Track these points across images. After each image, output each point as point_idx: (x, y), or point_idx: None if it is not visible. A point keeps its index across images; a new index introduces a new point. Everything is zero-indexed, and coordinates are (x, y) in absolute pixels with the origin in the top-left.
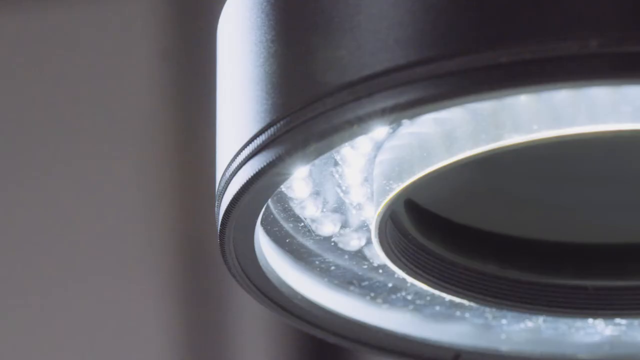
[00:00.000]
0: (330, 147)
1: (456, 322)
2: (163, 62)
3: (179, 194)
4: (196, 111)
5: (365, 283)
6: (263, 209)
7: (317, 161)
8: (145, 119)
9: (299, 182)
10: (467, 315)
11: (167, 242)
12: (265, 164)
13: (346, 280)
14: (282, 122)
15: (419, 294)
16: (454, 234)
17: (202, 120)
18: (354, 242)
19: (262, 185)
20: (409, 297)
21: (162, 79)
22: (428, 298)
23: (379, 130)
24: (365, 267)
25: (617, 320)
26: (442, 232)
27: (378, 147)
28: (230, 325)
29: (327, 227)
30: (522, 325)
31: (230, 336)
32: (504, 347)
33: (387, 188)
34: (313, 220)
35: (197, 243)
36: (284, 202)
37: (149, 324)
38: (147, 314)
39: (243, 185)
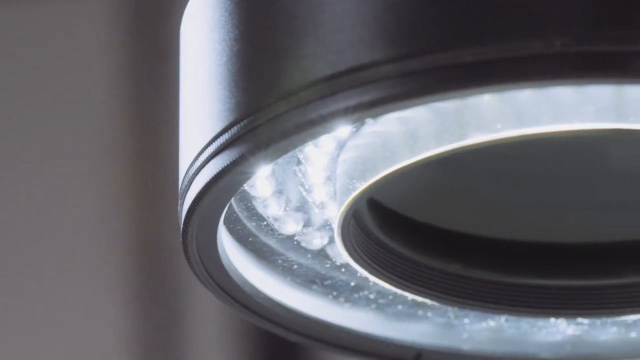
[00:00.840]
0: (293, 146)
1: (418, 321)
2: (118, 58)
3: (134, 191)
4: (153, 109)
5: (328, 282)
6: (226, 208)
7: (280, 160)
8: (101, 117)
9: (262, 180)
10: (429, 314)
11: (123, 241)
12: (228, 162)
13: (309, 279)
14: (245, 121)
15: (381, 293)
16: (417, 233)
17: (159, 119)
18: (317, 241)
19: (225, 184)
20: (372, 296)
21: (119, 77)
22: (390, 297)
23: (343, 129)
24: (328, 266)
25: (579, 319)
26: (405, 231)
27: (341, 146)
28: (187, 324)
29: (290, 226)
30: (484, 325)
31: (186, 334)
32: (466, 347)
33: (350, 187)
34: (276, 219)
35: (153, 242)
36: (246, 200)
37: (105, 322)
38: (102, 313)
39: (206, 184)
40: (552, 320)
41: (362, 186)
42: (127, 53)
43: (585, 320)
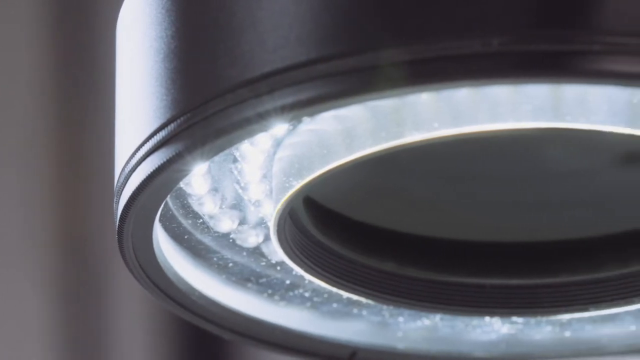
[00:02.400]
0: (230, 144)
1: (353, 319)
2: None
3: (59, 184)
4: (78, 104)
5: (263, 280)
6: (162, 205)
7: (216, 157)
8: (28, 114)
9: (198, 178)
10: (364, 312)
11: (47, 234)
12: (164, 160)
13: (244, 277)
14: (182, 119)
15: (316, 291)
16: (352, 232)
17: (88, 116)
18: (252, 238)
19: (161, 182)
20: (307, 295)
21: (43, 74)
22: (325, 295)
23: (279, 127)
24: (263, 264)
25: (514, 318)
26: (340, 230)
27: (278, 143)
28: (112, 318)
29: (225, 224)
30: (419, 323)
31: (111, 328)
32: (401, 345)
33: (287, 185)
34: (211, 217)
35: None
36: (182, 198)
37: (29, 315)
38: (26, 305)
39: (142, 181)
40: (487, 319)
41: (298, 184)
42: (51, 49)
43: (519, 319)
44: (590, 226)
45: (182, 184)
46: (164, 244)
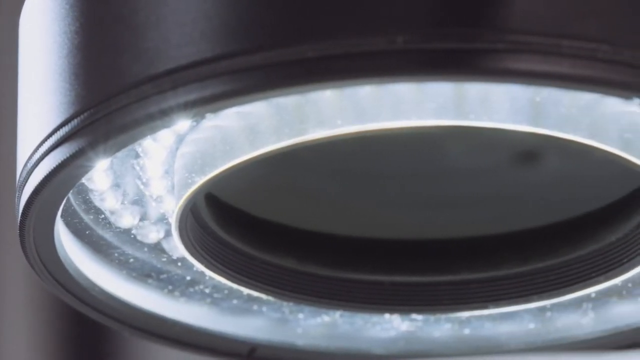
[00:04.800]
0: (132, 140)
1: (253, 316)
2: None
3: None
4: None
5: (164, 276)
6: (64, 201)
7: (118, 153)
8: None
9: (100, 174)
10: (264, 309)
11: None
12: (66, 156)
13: (144, 273)
14: (85, 115)
15: (216, 287)
16: (253, 228)
17: None
18: (153, 234)
19: (63, 177)
20: (207, 291)
21: None
22: (226, 291)
23: (182, 123)
24: (164, 259)
25: (414, 315)
26: (241, 226)
27: (180, 139)
28: None
29: (126, 220)
30: (318, 320)
31: None
32: (300, 342)
33: (189, 181)
34: (112, 213)
35: None
36: (84, 193)
37: None
38: None
39: (44, 177)
40: (386, 316)
41: (200, 180)
42: None
43: (419, 317)
44: (490, 224)
45: (84, 180)
46: (65, 240)
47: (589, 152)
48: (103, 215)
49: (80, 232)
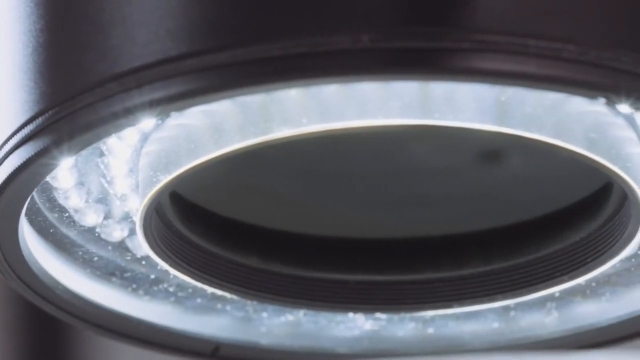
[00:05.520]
0: (97, 138)
1: (217, 314)
2: None
3: None
4: None
5: (128, 274)
6: (28, 199)
7: (83, 151)
8: None
9: (64, 172)
10: (228, 308)
11: None
12: (31, 154)
13: (108, 272)
14: (49, 112)
15: (180, 286)
16: (218, 227)
17: None
18: (117, 233)
19: (28, 176)
20: (171, 289)
21: None
22: (190, 290)
23: (147, 122)
24: (128, 258)
25: (378, 314)
26: (206, 225)
27: (145, 138)
28: None
29: (91, 218)
30: (282, 319)
31: None
32: (264, 341)
33: (154, 179)
34: (76, 211)
35: None
36: (48, 192)
37: None
38: None
39: (9, 175)
40: (350, 315)
41: (165, 179)
42: None
43: (383, 316)
44: (455, 223)
45: (48, 178)
46: (29, 238)
47: (554, 151)
48: (67, 214)
49: (45, 231)
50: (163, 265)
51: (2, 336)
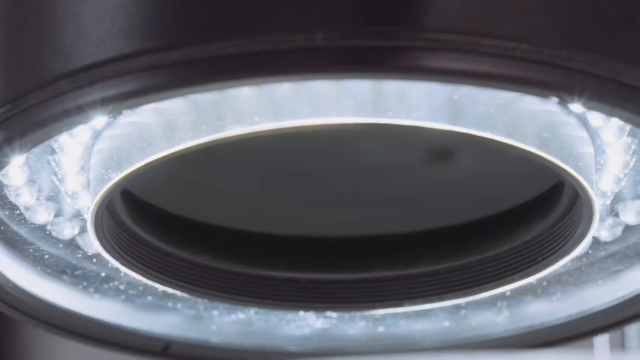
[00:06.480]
0: (49, 136)
1: (168, 313)
2: None
3: None
4: None
5: (79, 272)
6: None
7: (34, 149)
8: None
9: (15, 169)
10: (179, 306)
11: None
12: None
13: (59, 270)
14: (1, 110)
15: (132, 284)
16: (169, 225)
17: None
18: (68, 231)
19: None
20: (122, 287)
21: None
22: (141, 288)
23: (99, 119)
24: (80, 256)
25: (329, 313)
26: (157, 223)
27: (97, 136)
28: None
29: (42, 216)
30: (233, 317)
31: None
32: (215, 339)
33: (105, 177)
34: (27, 209)
35: None
36: None
37: None
38: None
39: None
40: (302, 313)
41: (117, 177)
42: None
43: (334, 314)
44: (407, 222)
45: None
46: None
47: (506, 150)
48: (18, 211)
49: None
50: (114, 263)
51: None
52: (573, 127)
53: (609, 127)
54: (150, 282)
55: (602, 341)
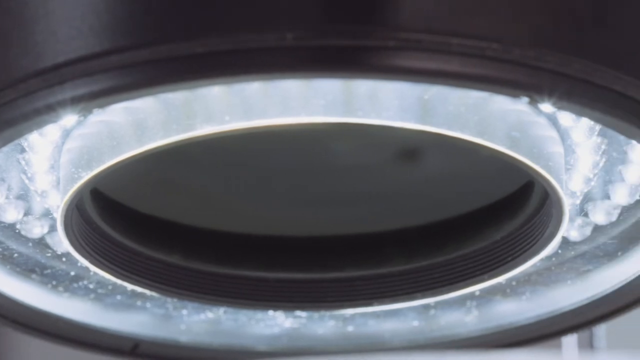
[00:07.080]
0: (19, 135)
1: (137, 311)
2: None
3: None
4: None
5: (48, 271)
6: None
7: (3, 147)
8: None
9: None
10: (148, 305)
11: None
12: None
13: (28, 268)
14: None
15: (101, 283)
16: (139, 224)
17: None
18: (37, 229)
19: None
20: (91, 286)
21: None
22: (110, 287)
23: (69, 118)
24: (49, 255)
25: (298, 312)
26: (127, 222)
27: (67, 134)
28: None
29: (10, 214)
30: (202, 316)
31: None
32: (184, 338)
33: (75, 176)
34: None
35: None
36: None
37: None
38: None
39: None
40: (270, 312)
41: (86, 175)
42: None
43: (303, 314)
44: (376, 221)
45: None
46: None
47: (476, 149)
48: None
49: None
50: (83, 262)
51: None
52: (543, 127)
53: (579, 126)
54: (119, 281)
55: (570, 341)
